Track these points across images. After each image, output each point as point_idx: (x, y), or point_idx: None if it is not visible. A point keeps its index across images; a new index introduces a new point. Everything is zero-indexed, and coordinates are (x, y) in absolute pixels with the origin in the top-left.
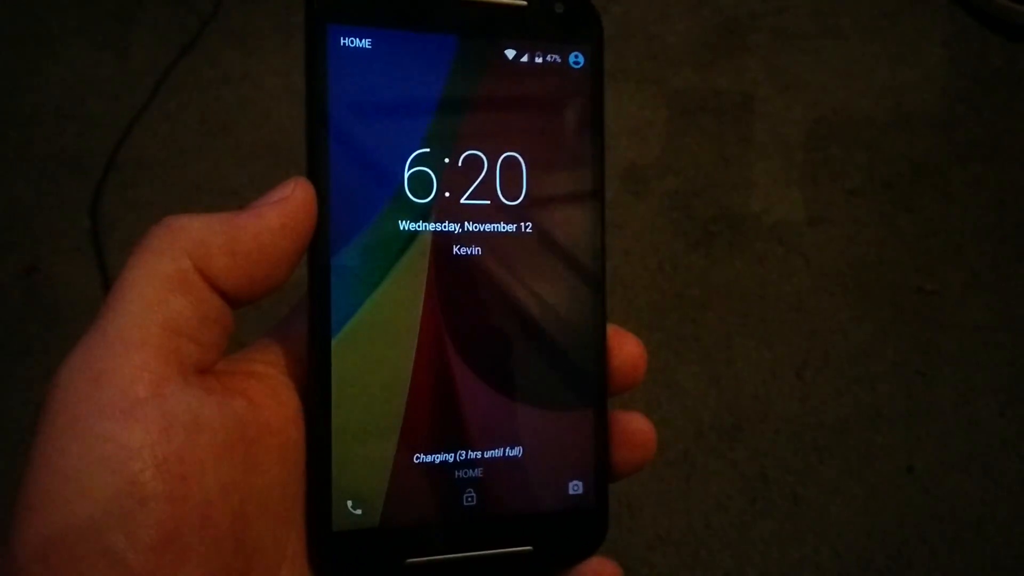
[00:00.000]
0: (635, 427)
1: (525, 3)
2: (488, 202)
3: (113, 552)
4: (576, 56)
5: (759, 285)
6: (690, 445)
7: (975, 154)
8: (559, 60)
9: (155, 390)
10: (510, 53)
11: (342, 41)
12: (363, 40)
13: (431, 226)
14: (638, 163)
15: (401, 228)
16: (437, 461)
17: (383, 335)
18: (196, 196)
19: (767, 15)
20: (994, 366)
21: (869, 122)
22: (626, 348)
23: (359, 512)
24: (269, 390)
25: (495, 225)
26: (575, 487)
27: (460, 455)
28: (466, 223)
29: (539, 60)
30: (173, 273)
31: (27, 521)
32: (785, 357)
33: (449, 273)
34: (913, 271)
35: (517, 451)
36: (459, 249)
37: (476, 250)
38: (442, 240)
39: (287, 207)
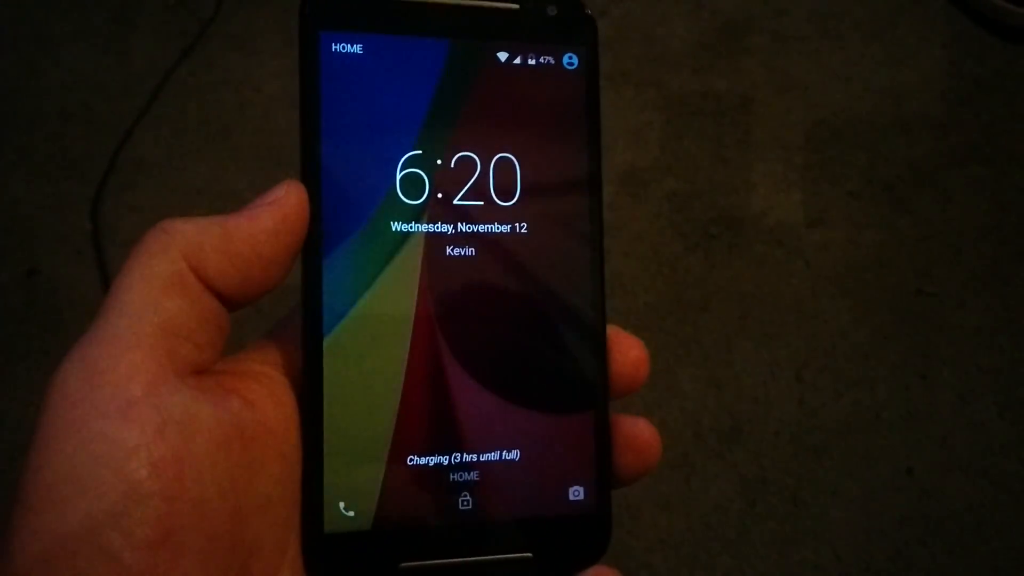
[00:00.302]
0: (638, 432)
1: (517, 6)
2: (481, 203)
3: (109, 551)
4: (570, 57)
5: (758, 287)
6: (689, 447)
7: (974, 156)
8: (553, 61)
9: (150, 389)
10: (503, 55)
11: (334, 47)
12: (355, 46)
13: (424, 227)
14: (637, 165)
15: (394, 229)
16: (431, 463)
17: (376, 336)
18: (196, 199)
19: (766, 18)
20: (994, 368)
21: (868, 124)
22: (628, 351)
23: (351, 514)
24: (267, 390)
25: (489, 226)
26: (576, 492)
27: (455, 458)
28: (459, 224)
29: (532, 62)
30: (169, 274)
31: (24, 521)
32: (785, 359)
33: (442, 273)
34: (912, 273)
35: (514, 454)
36: (452, 250)
37: (470, 251)
38: (435, 241)
39: (280, 209)
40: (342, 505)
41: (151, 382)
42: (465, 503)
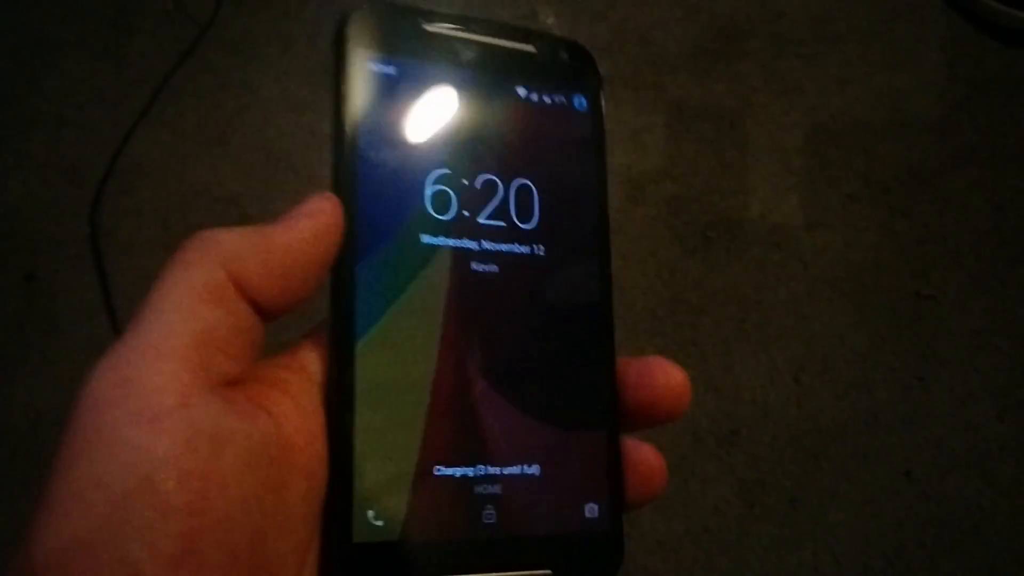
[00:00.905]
0: (643, 457)
1: (534, 50)
2: (504, 224)
3: (130, 561)
4: (580, 99)
5: (757, 290)
6: (688, 450)
7: (972, 159)
8: (564, 101)
9: (183, 401)
10: (521, 91)
11: (369, 67)
12: (389, 67)
13: (451, 242)
14: (636, 169)
15: (423, 242)
16: (457, 474)
17: (405, 344)
18: (195, 203)
19: (764, 21)
20: (992, 370)
21: (866, 127)
22: (672, 377)
23: (380, 523)
24: (294, 403)
25: (511, 246)
26: (591, 510)
27: (480, 470)
28: (483, 241)
29: (547, 100)
30: (207, 284)
31: (46, 524)
32: (783, 362)
33: (468, 288)
34: (911, 276)
35: (535, 469)
36: (477, 266)
37: (493, 268)
38: (461, 256)
39: (318, 219)
40: (371, 514)
41: (183, 393)
42: (489, 516)
